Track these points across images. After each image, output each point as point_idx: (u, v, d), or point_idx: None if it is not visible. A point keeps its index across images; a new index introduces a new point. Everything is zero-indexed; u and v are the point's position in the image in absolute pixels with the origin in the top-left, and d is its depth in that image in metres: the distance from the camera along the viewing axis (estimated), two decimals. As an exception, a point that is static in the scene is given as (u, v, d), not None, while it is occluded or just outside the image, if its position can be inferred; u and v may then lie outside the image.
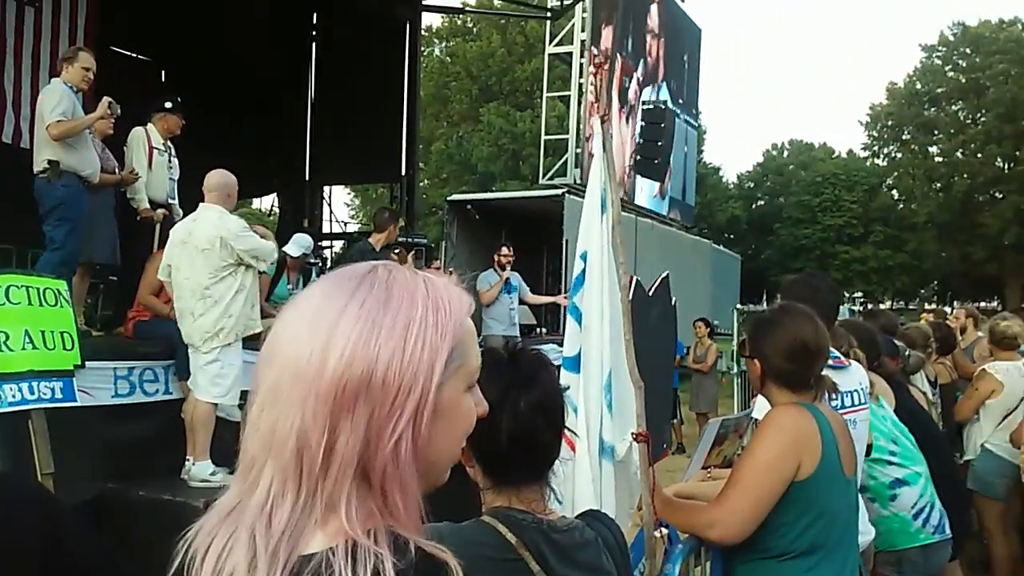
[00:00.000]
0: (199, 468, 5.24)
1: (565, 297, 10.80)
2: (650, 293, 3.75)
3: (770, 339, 2.60)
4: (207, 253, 5.20)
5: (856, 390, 3.26)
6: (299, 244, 8.07)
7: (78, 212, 6.02)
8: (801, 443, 2.43)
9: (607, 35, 17.82)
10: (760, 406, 2.95)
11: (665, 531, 2.73)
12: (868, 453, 3.37)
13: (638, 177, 18.26)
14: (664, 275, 3.91)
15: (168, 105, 7.13)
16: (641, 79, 19.61)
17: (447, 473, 0.96)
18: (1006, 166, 46.12)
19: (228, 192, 5.47)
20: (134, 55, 12.78)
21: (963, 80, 47.99)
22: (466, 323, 0.95)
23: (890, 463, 3.73)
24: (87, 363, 5.19)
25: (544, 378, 1.65)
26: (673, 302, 4.13)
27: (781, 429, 2.48)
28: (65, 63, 6.19)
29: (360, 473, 0.85)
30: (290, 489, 0.85)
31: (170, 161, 7.15)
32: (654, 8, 20.12)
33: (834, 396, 2.76)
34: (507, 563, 1.50)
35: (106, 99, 6.28)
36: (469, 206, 15.68)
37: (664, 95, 20.48)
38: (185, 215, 5.97)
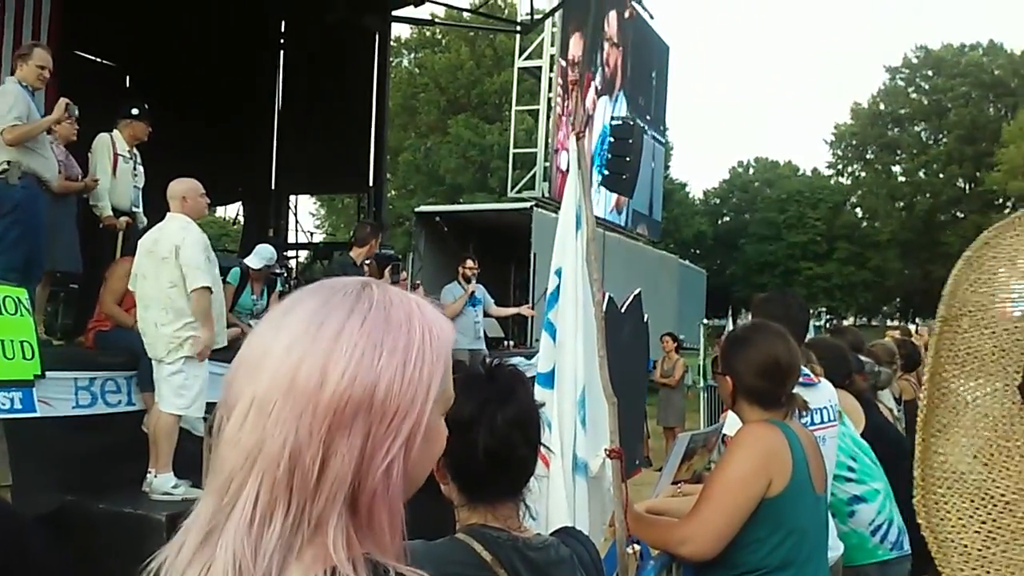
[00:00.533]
0: (161, 481, 5.16)
1: (529, 308, 10.82)
2: (622, 310, 3.74)
3: (742, 356, 2.61)
4: (166, 262, 5.15)
5: (825, 407, 3.28)
6: (260, 256, 7.96)
7: (34, 216, 5.82)
8: (772, 460, 2.44)
9: (576, 49, 17.89)
10: (731, 422, 2.96)
11: (637, 547, 2.73)
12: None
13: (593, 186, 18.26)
14: (636, 292, 3.91)
15: (135, 112, 6.94)
16: (599, 87, 19.66)
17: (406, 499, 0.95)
18: (967, 186, 47.12)
19: (184, 195, 5.36)
20: (98, 60, 12.60)
21: (926, 102, 49.01)
22: (450, 350, 0.95)
23: (848, 479, 3.74)
24: (47, 373, 5.09)
25: (521, 394, 1.64)
26: (645, 319, 4.13)
27: (752, 446, 2.49)
28: (19, 60, 5.96)
29: (349, 495, 0.84)
30: (279, 508, 0.82)
31: (135, 169, 6.98)
32: (612, 15, 20.16)
33: (804, 414, 2.77)
34: (482, 581, 1.48)
35: (63, 100, 6.07)
36: (437, 218, 15.68)
37: (622, 105, 20.54)
38: (150, 223, 5.86)
